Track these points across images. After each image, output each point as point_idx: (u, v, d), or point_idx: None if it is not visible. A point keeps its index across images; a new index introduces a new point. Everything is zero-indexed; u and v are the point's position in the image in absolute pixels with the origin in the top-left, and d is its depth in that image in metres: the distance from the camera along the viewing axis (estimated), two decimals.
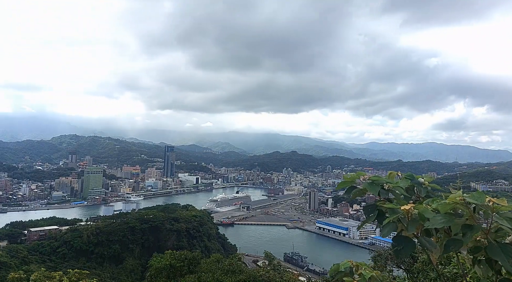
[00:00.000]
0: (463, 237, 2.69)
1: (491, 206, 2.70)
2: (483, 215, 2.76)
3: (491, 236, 2.68)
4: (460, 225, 2.73)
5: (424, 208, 2.86)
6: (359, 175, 3.39)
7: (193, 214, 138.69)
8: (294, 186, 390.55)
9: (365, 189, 3.27)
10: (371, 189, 3.20)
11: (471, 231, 2.66)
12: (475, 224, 2.70)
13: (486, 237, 2.69)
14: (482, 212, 2.76)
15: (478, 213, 2.77)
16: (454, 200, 2.78)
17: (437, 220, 2.72)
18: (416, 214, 2.85)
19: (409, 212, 2.87)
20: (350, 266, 3.57)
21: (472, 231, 2.66)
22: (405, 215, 2.90)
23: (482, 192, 2.79)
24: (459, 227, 2.73)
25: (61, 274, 17.09)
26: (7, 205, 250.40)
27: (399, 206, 2.95)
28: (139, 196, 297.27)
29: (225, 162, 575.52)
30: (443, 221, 2.70)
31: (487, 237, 2.68)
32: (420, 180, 3.32)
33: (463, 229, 2.70)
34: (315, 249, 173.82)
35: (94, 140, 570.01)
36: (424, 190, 3.24)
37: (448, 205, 2.79)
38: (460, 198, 2.77)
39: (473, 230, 2.66)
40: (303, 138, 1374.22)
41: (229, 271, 23.38)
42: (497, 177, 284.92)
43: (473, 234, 2.66)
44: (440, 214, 2.76)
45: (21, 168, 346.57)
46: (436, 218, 2.73)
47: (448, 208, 2.79)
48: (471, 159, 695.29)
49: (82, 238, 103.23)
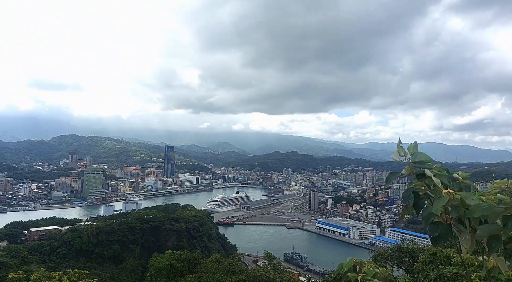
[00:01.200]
0: (503, 228, 2.56)
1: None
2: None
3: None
4: (499, 215, 2.61)
5: (467, 194, 2.81)
6: (410, 149, 3.40)
7: (193, 214, 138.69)
8: (294, 186, 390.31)
9: (407, 171, 3.25)
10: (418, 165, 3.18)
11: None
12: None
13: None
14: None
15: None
16: (500, 187, 2.71)
17: (479, 208, 2.63)
18: (458, 199, 2.79)
19: (452, 197, 2.81)
20: (354, 264, 3.57)
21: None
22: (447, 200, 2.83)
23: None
24: (497, 217, 2.61)
25: (61, 274, 17.07)
26: (7, 205, 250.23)
27: (441, 189, 2.90)
28: (139, 196, 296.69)
29: (225, 162, 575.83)
30: (485, 209, 2.60)
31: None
32: (454, 175, 3.28)
33: (504, 219, 2.57)
34: (315, 249, 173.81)
35: (94, 140, 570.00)
36: (457, 185, 3.18)
37: (494, 191, 2.75)
38: (505, 185, 2.71)
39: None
40: (303, 138, 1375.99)
41: (229, 271, 23.38)
42: (497, 177, 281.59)
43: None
44: (482, 202, 2.67)
45: (21, 168, 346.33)
46: (478, 206, 2.64)
47: (494, 195, 2.73)
48: (471, 159, 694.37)
49: (82, 238, 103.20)
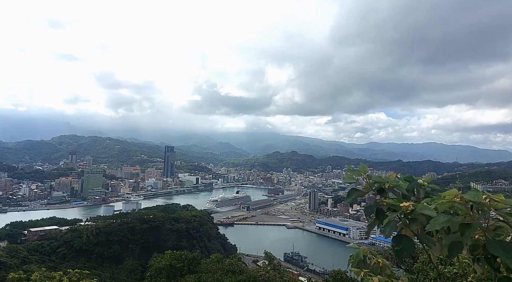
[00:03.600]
0: (461, 236, 2.66)
1: (487, 203, 2.70)
2: (481, 213, 2.74)
3: (490, 234, 2.67)
4: (458, 224, 2.70)
5: (423, 205, 2.84)
6: (362, 171, 3.39)
7: (193, 214, 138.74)
8: (294, 186, 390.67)
9: (366, 189, 3.28)
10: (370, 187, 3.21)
11: (469, 229, 2.64)
12: (472, 223, 2.68)
13: (485, 235, 2.67)
14: (480, 210, 2.74)
15: (477, 211, 2.75)
16: (452, 199, 2.76)
17: (437, 221, 2.69)
18: (417, 213, 2.83)
19: (408, 209, 2.85)
20: (364, 254, 3.57)
21: (470, 230, 2.63)
22: (405, 213, 2.88)
23: (478, 190, 2.79)
24: (457, 225, 2.70)
25: (61, 274, 17.05)
26: (7, 205, 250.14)
27: (398, 203, 2.94)
28: (139, 196, 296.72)
29: (225, 162, 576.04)
30: (443, 222, 2.67)
31: (486, 235, 2.67)
32: (419, 182, 3.32)
33: (461, 228, 2.67)
34: (315, 249, 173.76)
35: (94, 140, 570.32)
36: (423, 191, 3.23)
37: (446, 203, 2.77)
38: (458, 196, 2.75)
39: (471, 229, 2.64)
40: (304, 138, 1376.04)
41: (229, 271, 23.39)
42: (497, 177, 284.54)
43: (472, 232, 2.64)
44: (441, 214, 2.73)
45: (21, 168, 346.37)
46: (436, 219, 2.70)
47: (446, 206, 2.77)
48: (471, 159, 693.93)
49: (82, 238, 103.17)
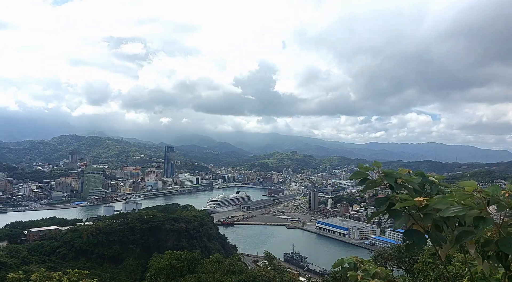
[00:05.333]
0: (475, 229, 2.62)
1: (506, 199, 2.64)
2: (497, 209, 2.70)
3: (504, 230, 2.61)
4: (473, 217, 2.66)
5: (438, 199, 2.80)
6: (375, 166, 3.32)
7: (193, 214, 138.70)
8: (294, 186, 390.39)
9: (379, 180, 3.18)
10: (387, 179, 3.12)
11: (483, 223, 2.60)
12: (488, 217, 2.64)
13: (498, 231, 2.63)
14: (496, 206, 2.70)
15: (493, 206, 2.71)
16: (472, 191, 2.72)
17: (450, 209, 2.66)
18: (431, 208, 2.80)
19: (422, 203, 2.82)
20: (354, 262, 3.56)
21: (484, 224, 2.60)
22: (418, 207, 2.85)
23: (498, 185, 2.76)
24: (471, 219, 2.66)
25: (61, 274, 17.02)
26: (7, 205, 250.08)
27: (411, 198, 2.91)
28: (139, 196, 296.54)
29: (225, 162, 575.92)
30: (456, 210, 2.63)
31: (500, 231, 2.62)
32: (430, 179, 3.27)
33: (475, 221, 2.63)
34: (315, 249, 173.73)
35: (94, 140, 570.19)
36: (435, 187, 3.17)
37: (467, 196, 2.73)
38: (478, 188, 2.72)
39: (485, 223, 2.60)
40: (304, 138, 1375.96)
41: (229, 271, 23.38)
42: (497, 177, 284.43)
43: (486, 226, 2.60)
44: (454, 205, 2.70)
45: (21, 168, 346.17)
46: (450, 208, 2.68)
47: (468, 198, 2.73)
48: (471, 159, 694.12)
49: (82, 238, 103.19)
